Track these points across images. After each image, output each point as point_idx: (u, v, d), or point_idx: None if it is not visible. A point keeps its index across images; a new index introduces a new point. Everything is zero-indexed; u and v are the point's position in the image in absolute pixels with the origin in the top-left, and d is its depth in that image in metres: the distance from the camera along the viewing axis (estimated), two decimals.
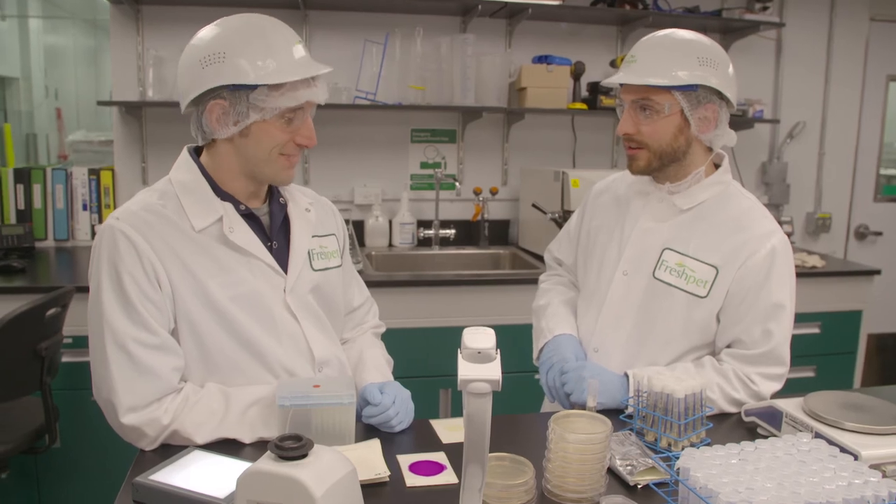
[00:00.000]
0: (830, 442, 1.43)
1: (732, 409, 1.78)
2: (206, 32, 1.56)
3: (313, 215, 1.76)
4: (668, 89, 1.73)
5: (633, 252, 1.88)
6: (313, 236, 1.76)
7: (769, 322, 1.78)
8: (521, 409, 1.95)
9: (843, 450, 1.39)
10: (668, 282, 1.82)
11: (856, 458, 1.38)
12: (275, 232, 1.69)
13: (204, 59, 1.51)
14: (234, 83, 1.50)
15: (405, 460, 1.51)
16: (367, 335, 1.95)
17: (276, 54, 1.52)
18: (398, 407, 1.65)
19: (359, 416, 1.63)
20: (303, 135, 1.60)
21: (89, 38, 6.41)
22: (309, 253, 1.73)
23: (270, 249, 1.67)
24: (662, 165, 1.81)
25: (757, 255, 1.77)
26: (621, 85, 1.81)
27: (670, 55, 1.75)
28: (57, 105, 6.14)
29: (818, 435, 1.49)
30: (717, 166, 1.88)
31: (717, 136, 1.80)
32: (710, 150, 1.85)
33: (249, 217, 1.65)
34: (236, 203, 1.63)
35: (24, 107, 6.05)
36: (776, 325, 1.78)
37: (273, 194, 1.72)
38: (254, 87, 1.51)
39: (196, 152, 1.67)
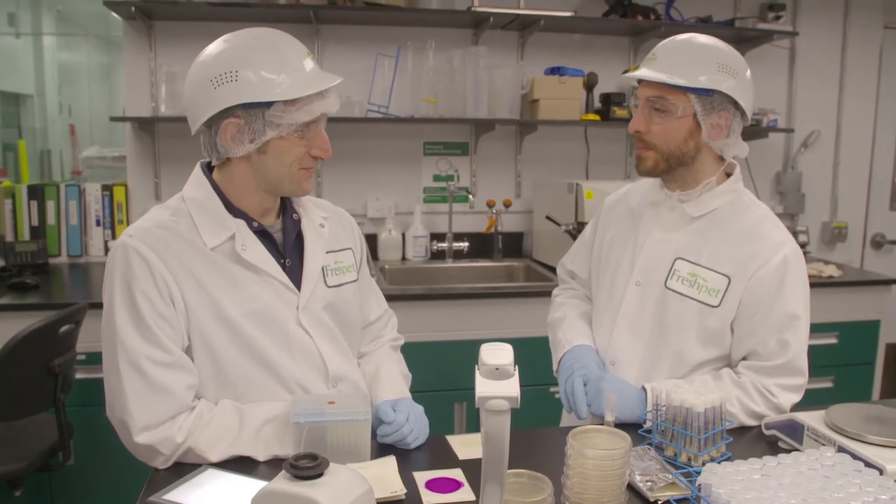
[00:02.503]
0: (854, 456, 1.41)
1: (752, 423, 1.76)
2: (213, 50, 1.53)
3: (327, 231, 1.75)
4: (684, 90, 1.72)
5: (645, 262, 1.87)
6: (328, 252, 1.74)
7: (785, 333, 1.76)
8: (538, 423, 1.93)
9: (867, 464, 1.37)
10: (681, 291, 1.80)
11: (881, 472, 1.36)
12: (288, 249, 1.68)
13: (215, 78, 1.49)
14: (250, 102, 1.48)
15: (421, 477, 1.49)
16: (384, 348, 1.93)
17: (288, 69, 1.50)
18: (412, 423, 1.63)
19: (374, 435, 1.62)
20: (318, 146, 1.58)
21: (102, 54, 6.45)
22: (323, 269, 1.71)
23: (284, 267, 1.65)
24: (670, 168, 1.80)
25: (769, 265, 1.75)
26: (639, 82, 1.80)
27: (691, 57, 1.75)
28: (71, 121, 6.17)
29: (841, 449, 1.46)
30: (728, 176, 1.86)
31: (728, 145, 1.79)
32: (721, 159, 1.83)
33: (262, 234, 1.63)
34: (249, 220, 1.62)
35: (38, 123, 6.09)
36: (792, 336, 1.76)
37: (286, 210, 1.71)
38: (269, 104, 1.49)
39: (209, 168, 1.66)
